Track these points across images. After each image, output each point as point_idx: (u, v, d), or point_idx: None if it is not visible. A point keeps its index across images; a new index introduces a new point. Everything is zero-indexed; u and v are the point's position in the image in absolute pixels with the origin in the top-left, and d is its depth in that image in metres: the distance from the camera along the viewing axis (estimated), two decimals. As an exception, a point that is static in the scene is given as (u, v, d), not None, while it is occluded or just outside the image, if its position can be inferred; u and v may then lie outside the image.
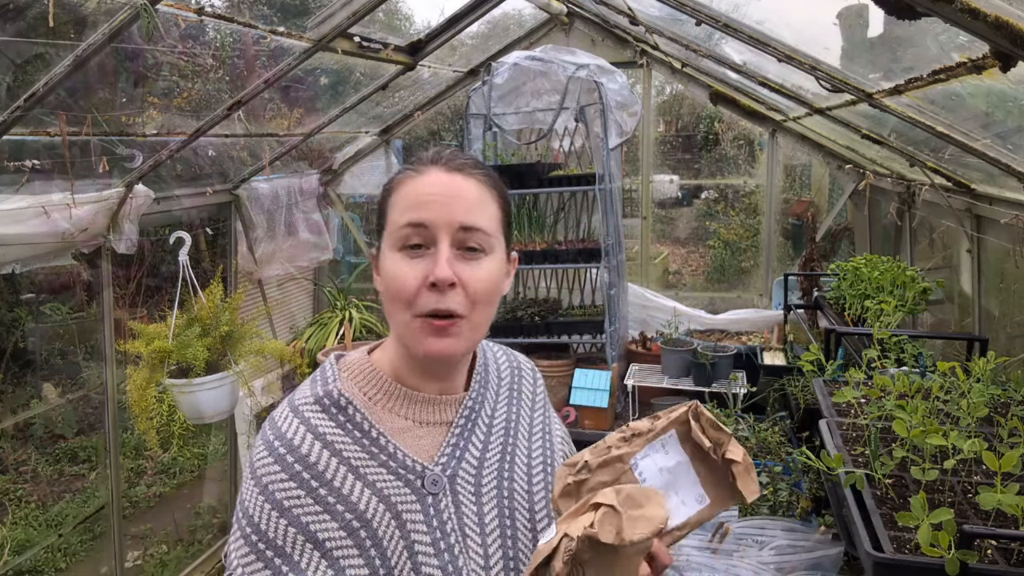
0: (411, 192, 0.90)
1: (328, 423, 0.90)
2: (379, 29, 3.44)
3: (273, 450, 0.87)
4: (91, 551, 3.93)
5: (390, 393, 0.95)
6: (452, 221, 0.88)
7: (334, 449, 0.88)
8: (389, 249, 0.90)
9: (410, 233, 0.87)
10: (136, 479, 4.55)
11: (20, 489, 4.38)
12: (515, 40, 4.48)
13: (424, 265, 0.87)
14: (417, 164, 0.93)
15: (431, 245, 0.88)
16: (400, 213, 0.89)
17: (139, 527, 4.02)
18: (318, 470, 0.86)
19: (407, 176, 0.92)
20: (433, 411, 0.97)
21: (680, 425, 0.90)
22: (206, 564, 3.41)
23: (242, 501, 0.87)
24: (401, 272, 0.87)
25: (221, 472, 3.92)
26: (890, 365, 1.89)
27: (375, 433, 0.91)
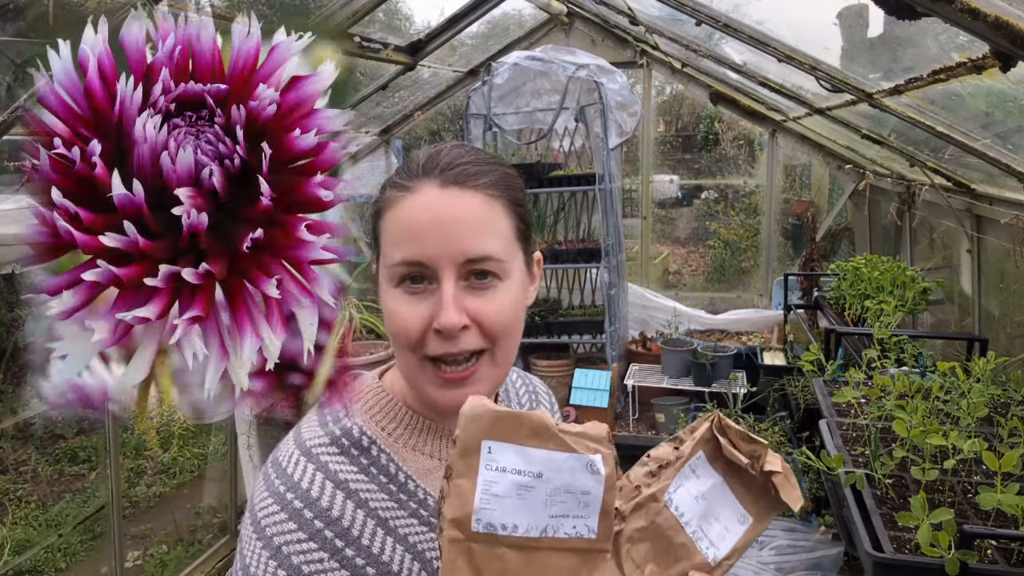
0: (402, 219, 0.72)
1: (350, 468, 0.76)
2: (379, 29, 3.44)
3: (286, 504, 0.71)
4: (91, 551, 3.93)
5: (413, 428, 0.81)
6: (455, 254, 0.71)
7: (359, 499, 0.74)
8: (384, 282, 0.74)
9: (406, 271, 0.72)
10: (136, 479, 4.55)
11: (20, 489, 4.38)
12: (515, 40, 4.48)
13: (428, 304, 0.71)
14: (406, 175, 0.74)
15: (434, 280, 0.72)
16: (392, 245, 0.73)
17: (139, 527, 4.02)
18: (343, 526, 0.72)
19: (395, 195, 0.74)
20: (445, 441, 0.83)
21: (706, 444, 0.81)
22: (206, 564, 3.41)
23: (246, 567, 0.71)
24: (401, 312, 0.72)
25: (221, 472, 3.92)
26: (890, 365, 1.89)
27: (403, 477, 0.78)
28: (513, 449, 0.65)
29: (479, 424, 0.64)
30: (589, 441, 0.68)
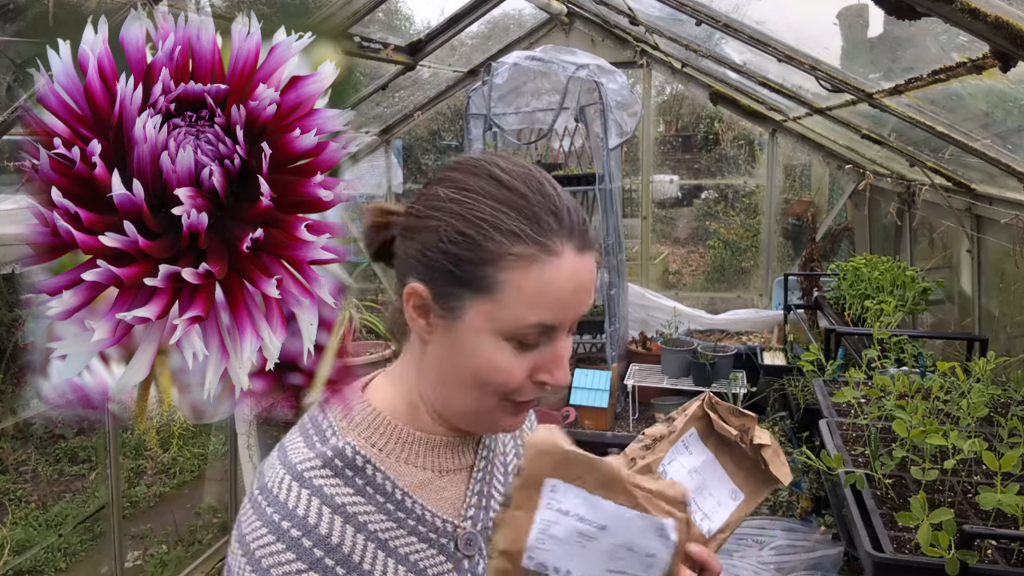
0: (548, 283, 0.69)
1: (346, 490, 0.72)
2: (379, 29, 3.44)
3: (282, 533, 0.68)
4: (91, 551, 3.93)
5: (404, 441, 0.78)
6: (578, 315, 0.74)
7: (358, 523, 0.71)
8: (491, 333, 0.70)
9: (535, 332, 0.70)
10: (136, 479, 4.54)
11: (20, 489, 4.38)
12: (515, 40, 4.49)
13: (531, 357, 0.71)
14: (546, 233, 0.70)
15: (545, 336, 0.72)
16: (528, 308, 0.69)
17: (139, 527, 4.02)
18: (343, 553, 0.69)
19: (537, 256, 0.69)
20: (453, 456, 0.81)
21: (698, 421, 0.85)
22: (206, 564, 3.41)
23: None
24: (507, 365, 0.71)
25: (221, 472, 3.92)
26: (890, 365, 1.89)
27: (399, 494, 0.75)
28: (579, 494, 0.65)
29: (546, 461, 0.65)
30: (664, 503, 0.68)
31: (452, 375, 0.74)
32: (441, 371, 0.75)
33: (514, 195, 0.70)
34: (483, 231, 0.69)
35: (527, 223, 0.69)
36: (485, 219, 0.69)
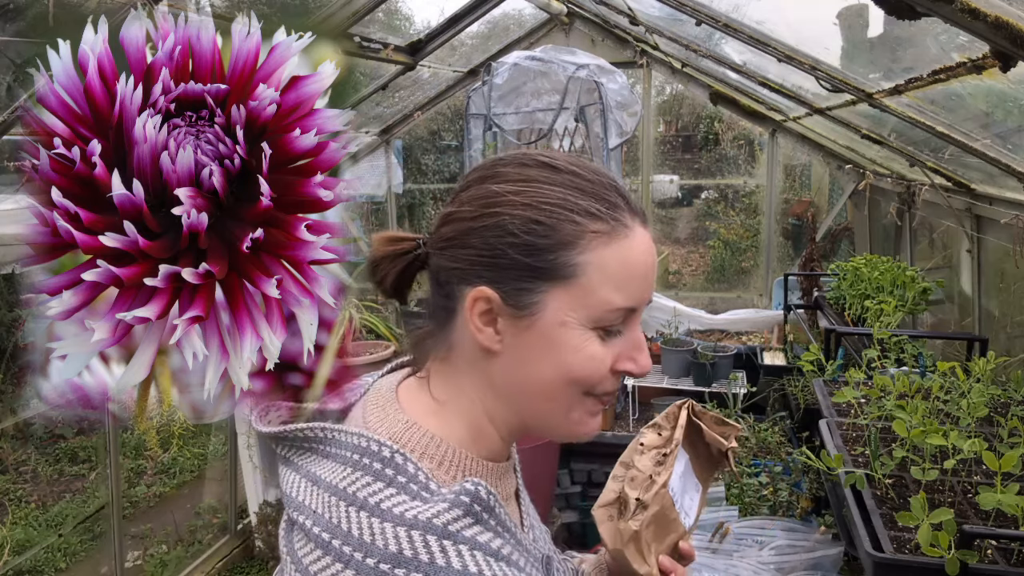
0: (627, 261, 0.67)
1: (489, 535, 0.64)
2: (379, 29, 3.44)
3: None
4: (91, 551, 3.93)
5: (483, 474, 0.72)
6: (649, 298, 0.71)
7: (518, 564, 0.66)
8: (575, 322, 0.66)
9: (617, 318, 0.67)
10: (136, 479, 4.54)
11: (20, 489, 4.38)
12: (515, 40, 4.49)
13: (614, 345, 0.68)
14: (615, 209, 0.67)
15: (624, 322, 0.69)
16: (611, 288, 0.66)
17: (139, 527, 4.02)
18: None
19: (615, 231, 0.67)
20: (507, 483, 0.77)
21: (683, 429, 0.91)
22: (206, 564, 3.41)
23: None
24: (596, 355, 0.67)
25: (221, 472, 3.92)
26: (890, 365, 1.89)
27: (513, 527, 0.69)
28: None
29: None
30: None
31: (537, 379, 0.68)
32: (521, 378, 0.69)
33: (575, 178, 0.68)
34: (556, 214, 0.65)
35: (598, 201, 0.67)
36: (555, 203, 0.66)
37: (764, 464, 2.52)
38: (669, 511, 0.87)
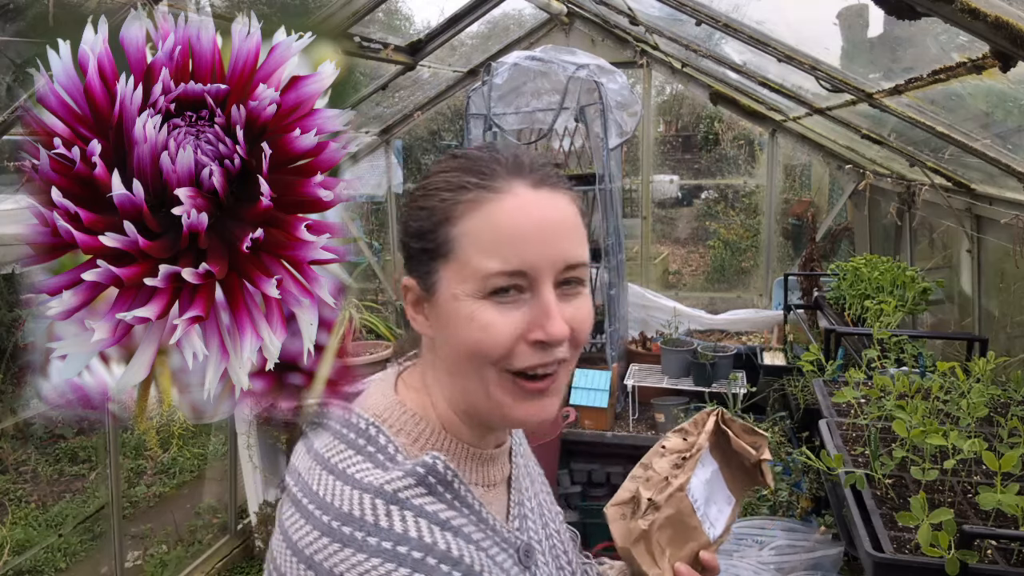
0: (496, 224, 0.66)
1: (441, 506, 0.68)
2: (379, 29, 3.44)
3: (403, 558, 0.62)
4: (91, 551, 3.93)
5: (460, 457, 0.74)
6: (556, 261, 0.67)
7: (467, 537, 0.68)
8: (465, 295, 0.67)
9: (503, 282, 0.66)
10: (136, 479, 4.54)
11: (20, 489, 4.38)
12: (515, 40, 4.48)
13: (520, 314, 0.67)
14: (489, 176, 0.68)
15: (527, 290, 0.67)
16: (483, 255, 0.66)
17: (139, 527, 4.02)
18: (467, 564, 0.65)
19: (480, 196, 0.67)
20: (495, 470, 0.78)
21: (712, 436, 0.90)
22: (206, 564, 3.41)
23: None
24: (490, 323, 0.66)
25: (221, 472, 3.92)
26: (890, 365, 1.89)
27: (477, 505, 0.72)
28: None
29: None
30: None
31: (453, 359, 0.70)
32: (447, 361, 0.71)
33: (466, 160, 0.71)
34: (433, 196, 0.70)
35: (474, 175, 0.69)
36: (435, 187, 0.70)
37: (764, 464, 2.52)
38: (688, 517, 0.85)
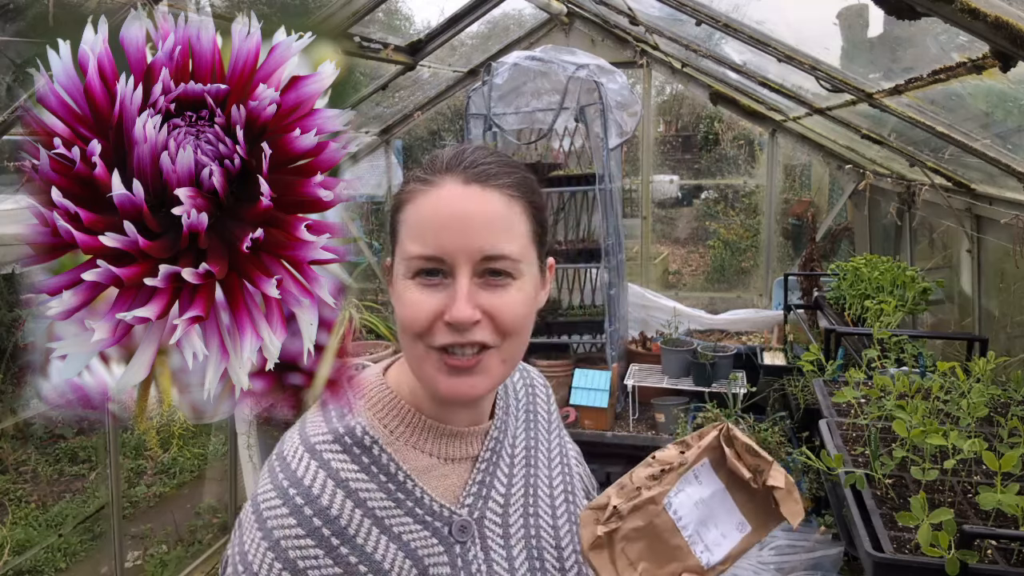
0: (422, 213, 0.75)
1: (351, 467, 0.78)
2: (379, 29, 3.44)
3: (287, 498, 0.74)
4: (91, 551, 3.93)
5: (414, 427, 0.82)
6: (471, 251, 0.73)
7: (358, 499, 0.76)
8: (400, 275, 0.76)
9: (423, 265, 0.74)
10: (136, 479, 4.54)
11: (20, 489, 4.38)
12: (515, 40, 4.48)
13: (441, 296, 0.73)
14: (429, 171, 0.77)
15: (449, 275, 0.74)
16: (410, 240, 0.75)
17: (139, 527, 4.02)
18: (340, 525, 0.74)
19: (416, 189, 0.76)
20: (460, 446, 0.85)
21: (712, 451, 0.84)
22: (206, 564, 3.42)
23: (244, 552, 0.74)
24: (413, 301, 0.74)
25: (221, 472, 3.92)
26: (890, 365, 1.89)
27: (401, 476, 0.80)
28: None
29: None
30: None
31: (399, 333, 0.78)
32: (399, 335, 0.80)
33: (429, 157, 0.80)
34: (399, 191, 0.80)
35: (422, 170, 0.78)
36: (404, 179, 0.81)
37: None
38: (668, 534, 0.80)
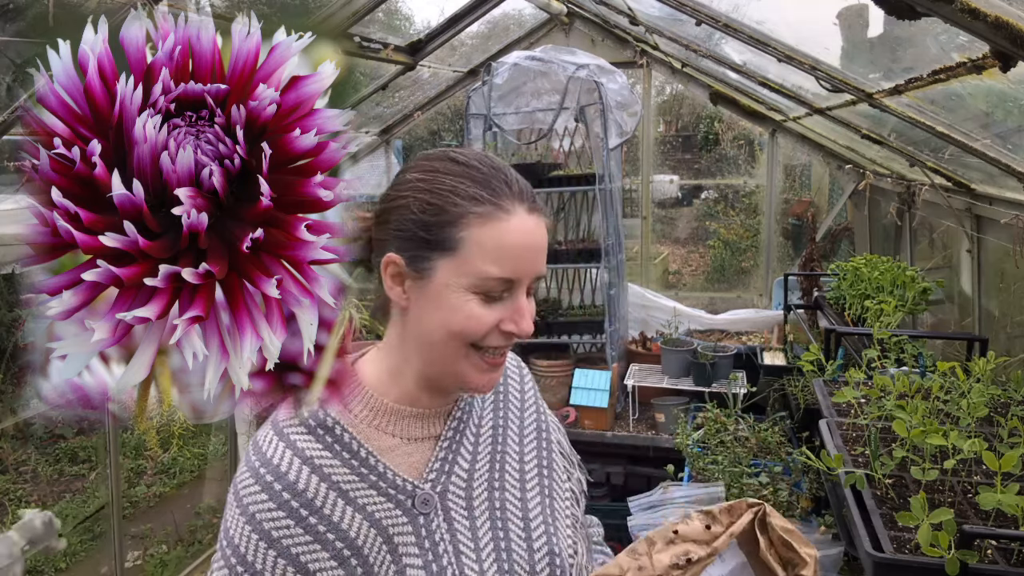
0: (502, 240, 0.81)
1: (315, 445, 0.86)
2: (379, 29, 3.44)
3: (259, 477, 0.84)
4: (91, 551, 3.94)
5: (376, 410, 0.90)
6: (532, 274, 0.84)
7: (323, 474, 0.85)
8: (459, 287, 0.81)
9: (496, 286, 0.82)
10: (136, 479, 4.55)
11: (20, 489, 4.38)
12: (515, 40, 4.48)
13: (499, 309, 0.83)
14: (499, 196, 0.82)
15: (507, 291, 0.83)
16: (488, 261, 0.80)
17: (139, 527, 4.02)
18: (307, 498, 0.83)
19: (491, 213, 0.81)
20: (421, 426, 0.92)
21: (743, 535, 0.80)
22: (206, 564, 3.41)
23: (226, 528, 0.84)
24: (477, 314, 0.82)
25: (221, 472, 3.93)
26: (890, 365, 1.89)
27: (364, 453, 0.88)
28: None
29: None
30: None
31: (430, 331, 0.84)
32: (421, 330, 0.85)
33: (471, 170, 0.84)
34: (446, 198, 0.81)
35: (483, 188, 0.82)
36: (447, 189, 0.82)
37: (764, 464, 2.52)
38: None
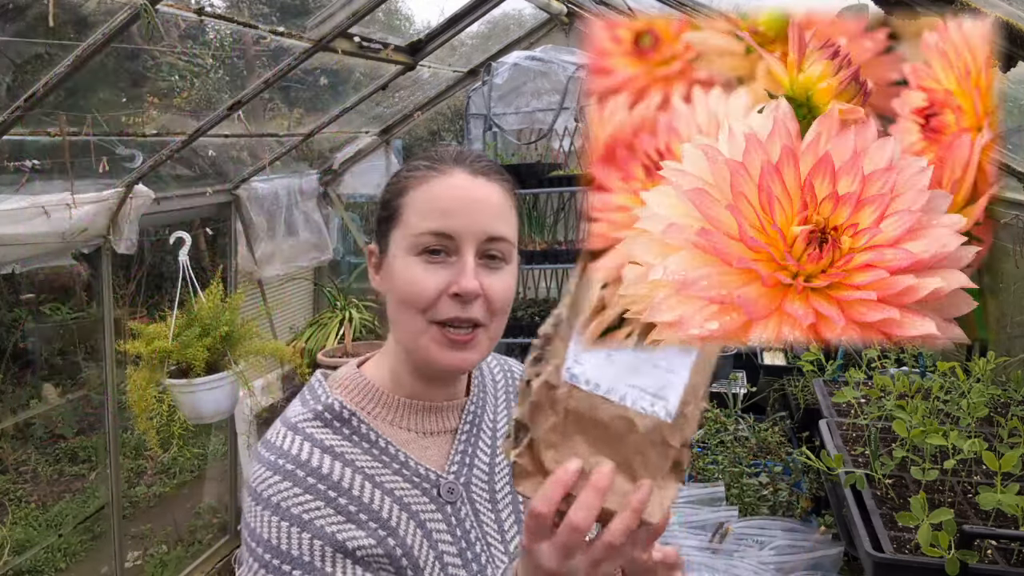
0: (433, 195, 0.82)
1: (334, 437, 0.83)
2: (379, 29, 3.44)
3: (278, 468, 0.79)
4: (91, 551, 3.93)
5: (389, 406, 0.89)
6: (477, 231, 0.81)
7: (346, 460, 0.82)
8: (403, 252, 0.82)
9: (432, 241, 0.80)
10: (136, 479, 4.54)
11: (20, 489, 4.38)
12: (515, 40, 4.48)
13: (446, 273, 0.80)
14: (438, 162, 0.85)
15: (453, 253, 0.81)
16: (420, 217, 0.82)
17: (139, 527, 4.02)
18: (333, 480, 0.79)
19: (426, 175, 0.84)
20: (436, 420, 0.91)
21: None
22: (206, 564, 3.41)
23: (251, 531, 0.78)
24: (418, 278, 0.80)
25: (221, 472, 3.92)
26: (890, 365, 1.89)
27: (383, 443, 0.86)
28: None
29: None
30: None
31: (394, 309, 0.84)
32: (392, 312, 0.85)
33: (427, 153, 0.88)
34: (397, 176, 0.88)
35: (426, 160, 0.86)
36: (401, 171, 0.88)
37: (764, 464, 2.52)
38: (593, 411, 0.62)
